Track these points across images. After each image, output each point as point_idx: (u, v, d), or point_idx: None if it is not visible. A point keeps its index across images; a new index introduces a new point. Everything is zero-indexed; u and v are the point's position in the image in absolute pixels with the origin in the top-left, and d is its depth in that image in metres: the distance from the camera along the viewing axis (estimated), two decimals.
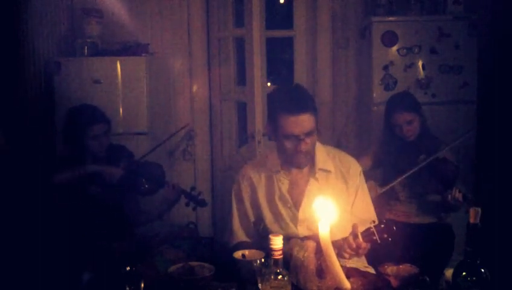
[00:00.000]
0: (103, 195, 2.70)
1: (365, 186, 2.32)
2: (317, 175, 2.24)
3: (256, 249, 2.00)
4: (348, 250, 1.93)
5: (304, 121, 2.11)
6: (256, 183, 2.31)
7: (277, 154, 2.29)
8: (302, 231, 2.21)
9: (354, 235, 1.92)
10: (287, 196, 2.25)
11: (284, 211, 2.25)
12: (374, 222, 1.95)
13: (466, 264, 1.55)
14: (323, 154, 2.27)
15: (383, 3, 3.84)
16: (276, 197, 2.26)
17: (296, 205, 2.24)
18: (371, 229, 1.91)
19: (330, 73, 4.13)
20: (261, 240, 2.22)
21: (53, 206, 2.58)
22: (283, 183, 2.27)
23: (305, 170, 2.27)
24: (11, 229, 2.48)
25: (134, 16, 4.07)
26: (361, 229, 1.93)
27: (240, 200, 2.34)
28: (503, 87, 3.64)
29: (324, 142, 2.36)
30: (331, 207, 1.68)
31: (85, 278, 2.10)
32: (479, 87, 3.72)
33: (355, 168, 2.31)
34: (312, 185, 2.24)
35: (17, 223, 2.52)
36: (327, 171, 2.25)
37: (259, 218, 2.30)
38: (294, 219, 2.23)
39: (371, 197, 2.49)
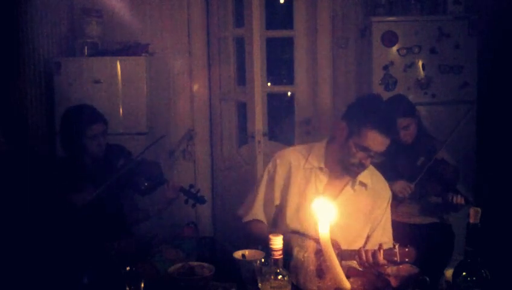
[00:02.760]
0: (101, 196, 2.69)
1: (390, 212, 2.32)
2: (356, 186, 2.24)
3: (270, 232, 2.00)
4: (366, 264, 1.95)
5: (385, 143, 2.11)
6: (294, 171, 2.26)
7: (325, 150, 2.26)
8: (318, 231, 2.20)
9: (375, 252, 1.94)
10: (320, 193, 2.21)
11: (310, 208, 2.23)
12: (397, 243, 1.95)
13: (466, 264, 1.55)
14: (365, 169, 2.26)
15: (383, 3, 3.84)
16: (310, 194, 2.21)
17: None
18: (394, 250, 1.91)
19: (330, 73, 4.13)
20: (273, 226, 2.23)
21: (52, 206, 2.57)
22: (321, 182, 2.24)
23: (346, 176, 2.25)
24: (11, 229, 2.48)
25: (134, 16, 4.07)
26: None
27: (271, 180, 2.30)
28: (503, 87, 3.65)
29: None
30: (331, 208, 1.68)
31: (85, 279, 2.09)
32: (479, 87, 3.72)
33: (386, 191, 2.32)
34: (346, 193, 2.23)
35: (16, 223, 2.52)
36: (364, 185, 2.25)
37: (282, 205, 2.27)
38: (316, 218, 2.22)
39: (405, 196, 2.86)
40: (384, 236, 2.25)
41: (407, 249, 1.91)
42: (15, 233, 2.48)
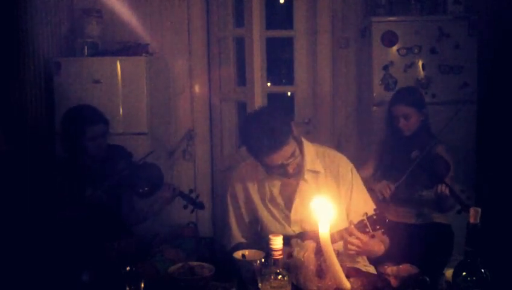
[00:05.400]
0: (101, 196, 2.69)
1: (359, 180, 2.29)
2: (306, 176, 2.21)
3: (255, 249, 2.00)
4: (353, 247, 1.95)
5: (282, 154, 2.08)
6: (249, 184, 2.31)
7: None
8: (296, 231, 2.21)
9: (349, 233, 1.95)
10: (278, 198, 2.25)
11: (276, 212, 2.25)
12: (366, 214, 1.95)
13: (466, 264, 1.55)
14: (312, 155, 2.23)
15: (383, 3, 3.84)
16: (267, 200, 2.27)
17: (288, 206, 2.24)
18: (364, 222, 1.92)
19: (330, 73, 4.13)
20: (260, 240, 2.22)
21: (52, 206, 2.57)
22: (274, 186, 2.26)
23: None
24: (11, 229, 2.48)
25: (134, 16, 4.07)
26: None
27: (235, 202, 2.34)
28: (503, 87, 3.65)
29: (323, 142, 2.35)
30: (329, 206, 1.68)
31: (85, 278, 2.09)
32: (479, 87, 3.72)
33: (345, 165, 2.28)
34: (302, 186, 2.22)
35: (16, 223, 2.52)
36: (316, 172, 2.23)
37: (256, 218, 2.30)
38: (287, 220, 2.23)
39: (386, 196, 2.74)
40: (365, 207, 2.19)
41: (375, 217, 1.92)
42: (15, 233, 2.48)
